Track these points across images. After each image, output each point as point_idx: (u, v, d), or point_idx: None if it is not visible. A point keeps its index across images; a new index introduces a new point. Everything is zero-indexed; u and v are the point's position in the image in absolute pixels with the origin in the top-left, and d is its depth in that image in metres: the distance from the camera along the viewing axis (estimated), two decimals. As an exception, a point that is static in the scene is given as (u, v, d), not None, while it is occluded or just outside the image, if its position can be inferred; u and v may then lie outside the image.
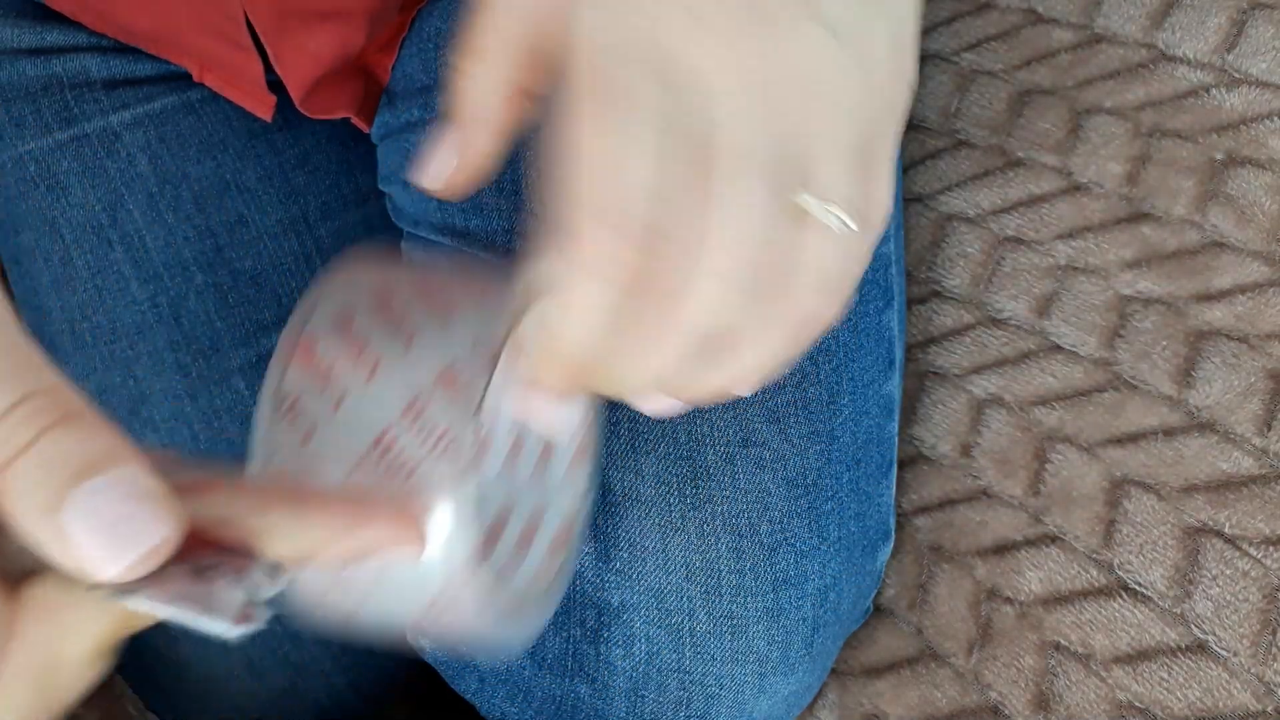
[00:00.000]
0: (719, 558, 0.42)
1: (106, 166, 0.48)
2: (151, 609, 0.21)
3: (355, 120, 0.51)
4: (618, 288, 0.24)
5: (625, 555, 0.42)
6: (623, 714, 0.43)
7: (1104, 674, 0.41)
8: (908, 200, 0.53)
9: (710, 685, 0.42)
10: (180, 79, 0.50)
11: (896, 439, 0.47)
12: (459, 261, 0.40)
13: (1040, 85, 0.51)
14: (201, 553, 0.22)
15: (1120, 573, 0.42)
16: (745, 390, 0.28)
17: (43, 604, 0.21)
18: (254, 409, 0.50)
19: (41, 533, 0.20)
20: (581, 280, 0.24)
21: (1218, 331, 0.43)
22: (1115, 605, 0.41)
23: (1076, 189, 0.48)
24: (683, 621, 0.42)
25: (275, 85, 0.49)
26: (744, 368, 0.26)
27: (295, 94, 0.48)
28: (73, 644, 0.21)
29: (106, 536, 0.20)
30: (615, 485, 0.42)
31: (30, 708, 0.21)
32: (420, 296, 0.28)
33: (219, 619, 0.21)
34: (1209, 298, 0.44)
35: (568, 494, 0.36)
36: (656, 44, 0.24)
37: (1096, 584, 0.42)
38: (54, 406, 0.20)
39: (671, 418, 0.42)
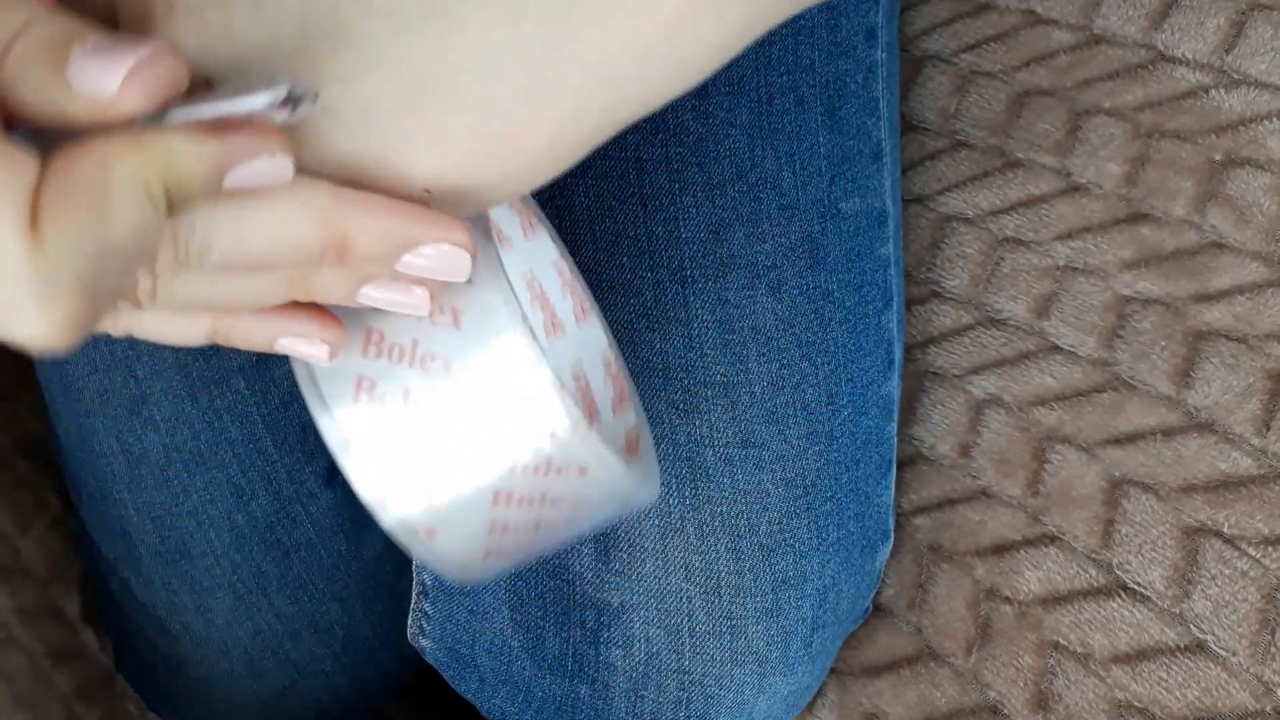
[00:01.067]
0: (718, 558, 0.42)
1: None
2: (186, 115, 0.21)
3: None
4: None
5: (625, 556, 0.42)
6: (623, 714, 0.43)
7: (1103, 674, 0.41)
8: (907, 201, 0.53)
9: (710, 685, 0.42)
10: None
11: (895, 439, 0.47)
12: None
13: (1039, 86, 0.51)
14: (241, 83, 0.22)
15: (1119, 572, 0.42)
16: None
17: (82, 140, 0.21)
18: (254, 409, 0.50)
19: (52, 93, 0.20)
20: None
21: (1217, 332, 0.43)
22: (1114, 605, 0.41)
23: (1075, 190, 0.48)
24: (682, 622, 0.42)
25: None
26: None
27: None
28: (119, 169, 0.20)
29: (105, 60, 0.20)
30: (615, 485, 0.42)
31: (84, 234, 0.20)
32: None
33: (260, 94, 0.21)
34: (1208, 298, 0.44)
35: (594, 344, 0.35)
36: None
37: (1095, 584, 0.42)
38: None
39: (673, 421, 0.42)
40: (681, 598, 0.42)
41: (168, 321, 0.26)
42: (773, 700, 0.44)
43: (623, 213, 0.43)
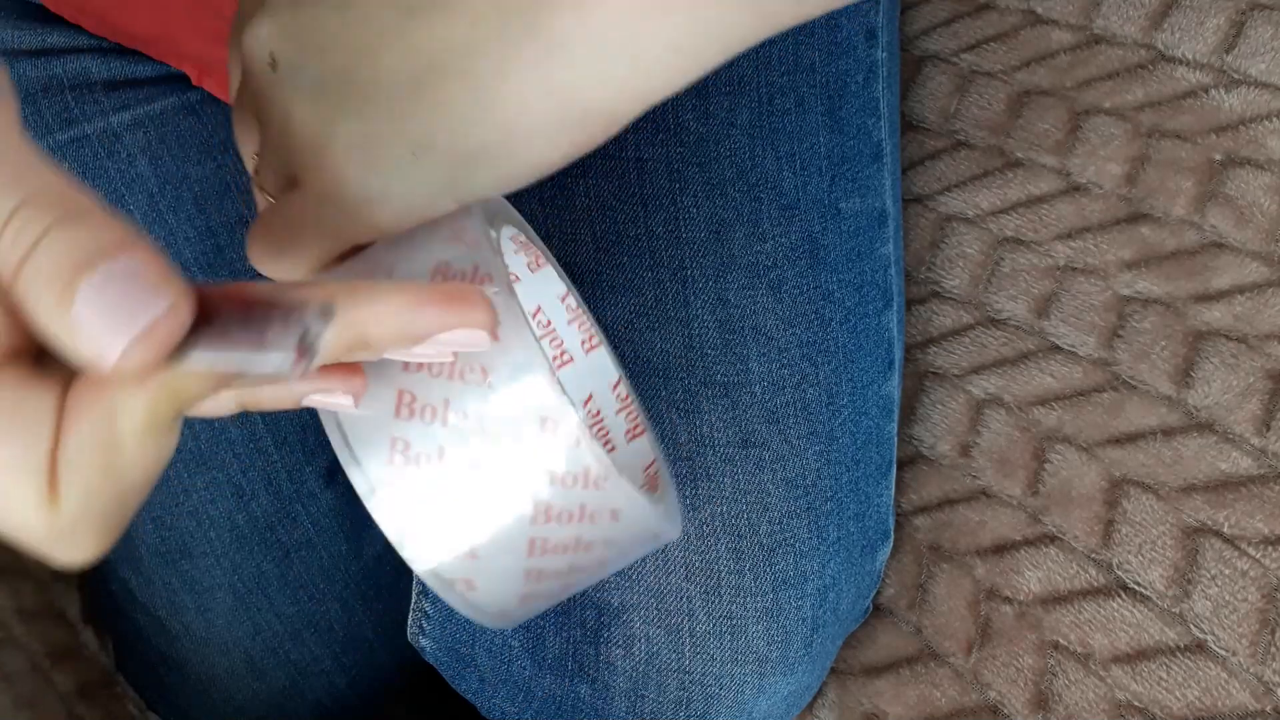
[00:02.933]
0: (718, 558, 0.42)
1: (107, 167, 0.49)
2: (199, 363, 0.21)
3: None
4: None
5: (625, 555, 0.42)
6: (623, 714, 0.43)
7: (1103, 673, 0.41)
8: (907, 201, 0.53)
9: (710, 685, 0.42)
10: (180, 80, 0.50)
11: (896, 439, 0.47)
12: None
13: (1039, 86, 0.51)
14: (250, 311, 0.22)
15: (1119, 572, 0.42)
16: None
17: (94, 385, 0.21)
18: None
19: (57, 330, 0.20)
20: None
21: (1216, 332, 0.43)
22: (1114, 605, 0.41)
23: (1076, 190, 0.48)
24: (682, 621, 0.42)
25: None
26: None
27: None
28: (127, 419, 0.20)
29: (110, 317, 0.19)
30: (615, 485, 0.42)
31: (100, 490, 0.21)
32: None
33: (273, 354, 0.21)
34: (1208, 298, 0.44)
35: (602, 374, 0.36)
36: None
37: (1095, 584, 0.42)
38: (58, 204, 0.20)
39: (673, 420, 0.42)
40: (682, 597, 0.42)
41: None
42: (773, 700, 0.44)
43: (623, 212, 0.43)
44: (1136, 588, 0.41)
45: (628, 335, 0.42)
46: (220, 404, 0.26)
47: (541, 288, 0.34)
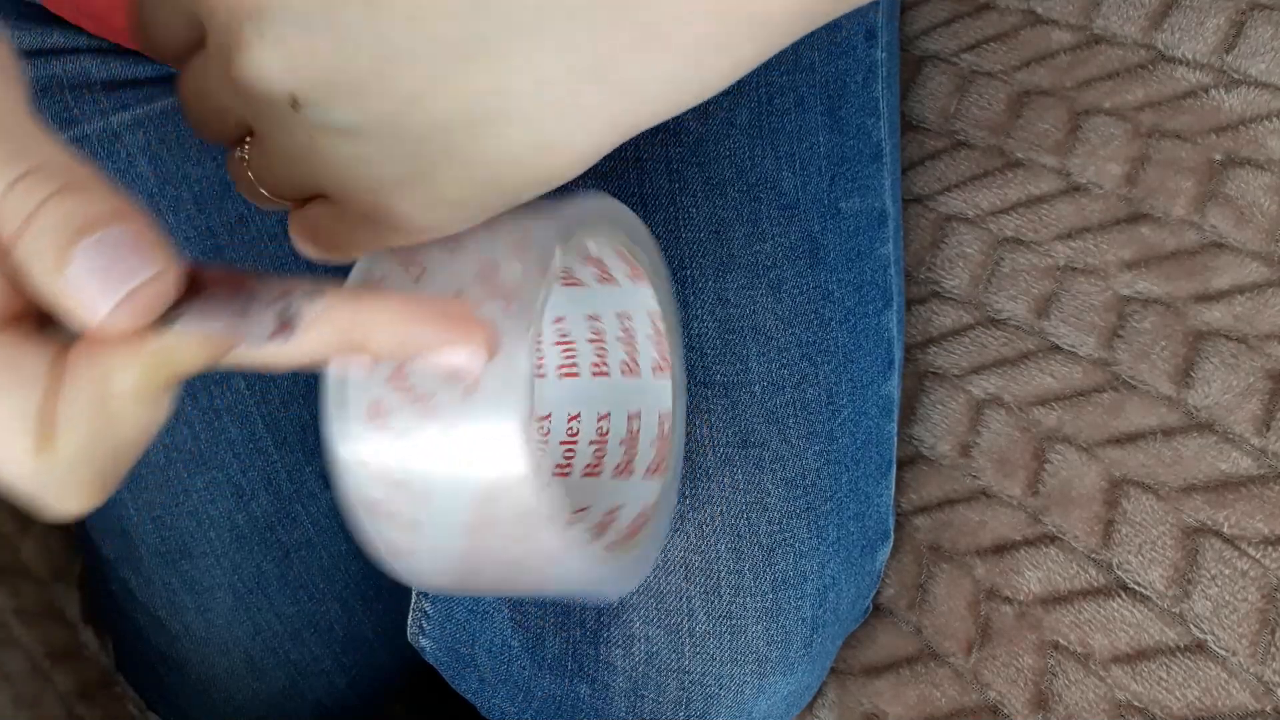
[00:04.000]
0: (718, 558, 0.42)
1: (106, 167, 0.49)
2: (185, 329, 0.22)
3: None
4: None
5: (625, 555, 0.42)
6: (622, 714, 0.43)
7: (1103, 673, 0.41)
8: (907, 201, 0.53)
9: (710, 685, 0.42)
10: (180, 80, 0.50)
11: (895, 439, 0.47)
12: None
13: (1039, 86, 0.51)
14: (239, 288, 0.23)
15: (1119, 572, 0.42)
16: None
17: (87, 349, 0.22)
18: (254, 409, 0.50)
19: (53, 291, 0.21)
20: None
21: (1217, 332, 0.43)
22: (1114, 605, 0.41)
23: (1076, 190, 0.48)
24: (682, 621, 0.42)
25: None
26: None
27: None
28: (119, 381, 0.22)
29: (101, 279, 0.21)
30: (615, 485, 0.42)
31: (94, 452, 0.22)
32: None
33: (254, 325, 0.22)
34: (1208, 298, 0.44)
35: (656, 398, 0.36)
36: None
37: (1095, 584, 0.42)
38: (60, 175, 0.21)
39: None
40: (681, 597, 0.42)
41: None
42: (772, 700, 0.44)
43: (623, 213, 0.43)
44: (1136, 588, 0.41)
45: (627, 335, 0.42)
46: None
47: (635, 297, 0.34)
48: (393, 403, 0.26)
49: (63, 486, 0.22)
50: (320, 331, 0.24)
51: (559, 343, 0.36)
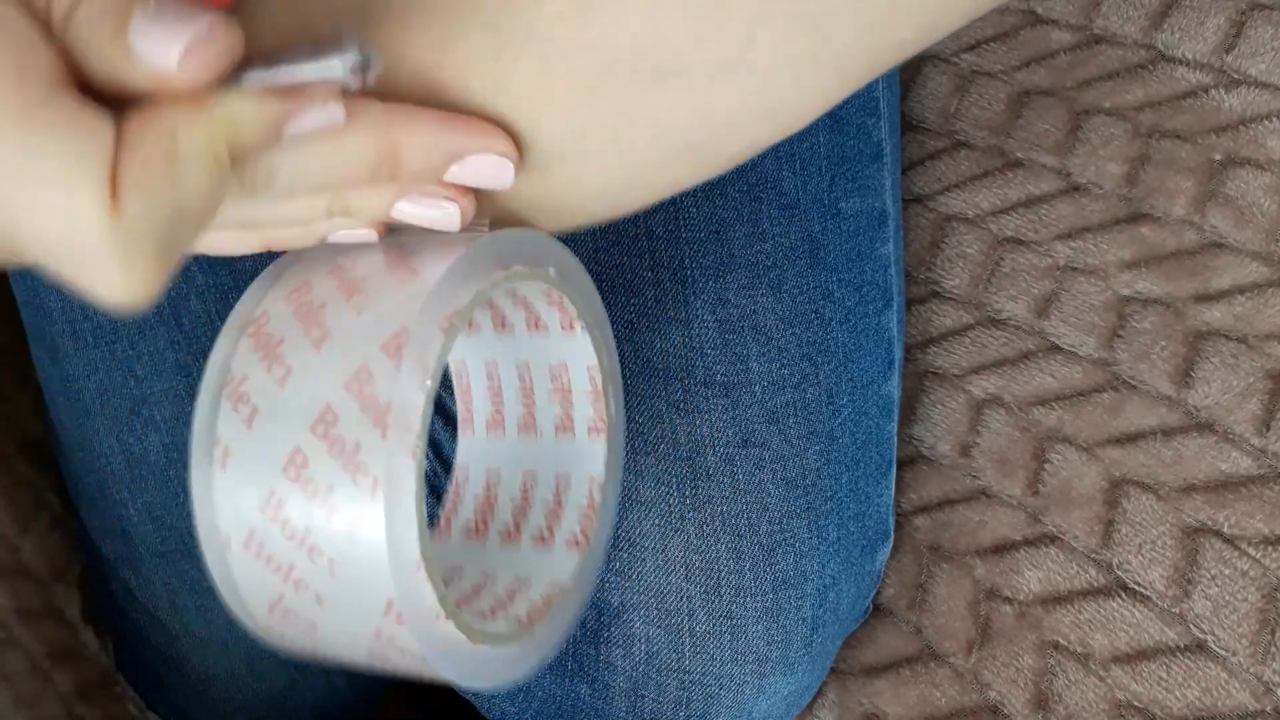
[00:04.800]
0: (718, 558, 0.42)
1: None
2: (260, 81, 0.22)
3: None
4: None
5: (625, 555, 0.42)
6: (623, 713, 0.43)
7: (1103, 673, 0.41)
8: (907, 201, 0.53)
9: (710, 685, 0.42)
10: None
11: (895, 439, 0.47)
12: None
13: (1039, 86, 0.51)
14: (304, 44, 0.23)
15: (1119, 572, 0.42)
16: None
17: (151, 112, 0.22)
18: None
19: (114, 61, 0.21)
20: None
21: (1216, 332, 0.43)
22: (1114, 605, 0.41)
23: (1076, 189, 0.48)
24: (682, 621, 0.42)
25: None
26: None
27: None
28: (185, 141, 0.21)
29: (164, 34, 0.21)
30: (615, 485, 0.42)
31: (159, 215, 0.21)
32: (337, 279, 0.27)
33: (332, 60, 0.22)
34: (1208, 298, 0.44)
35: (589, 462, 0.33)
36: None
37: (1095, 584, 0.42)
38: None
39: (673, 420, 0.42)
40: (681, 597, 0.42)
41: (220, 238, 0.28)
42: (773, 700, 0.43)
43: (623, 212, 0.43)
44: (1136, 588, 0.41)
45: (628, 335, 0.42)
46: (247, 244, 0.27)
47: (563, 349, 0.32)
48: (285, 492, 0.25)
49: (129, 252, 0.21)
50: (363, 122, 0.24)
51: (490, 390, 0.34)
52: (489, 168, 0.26)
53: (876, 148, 0.46)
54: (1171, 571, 0.41)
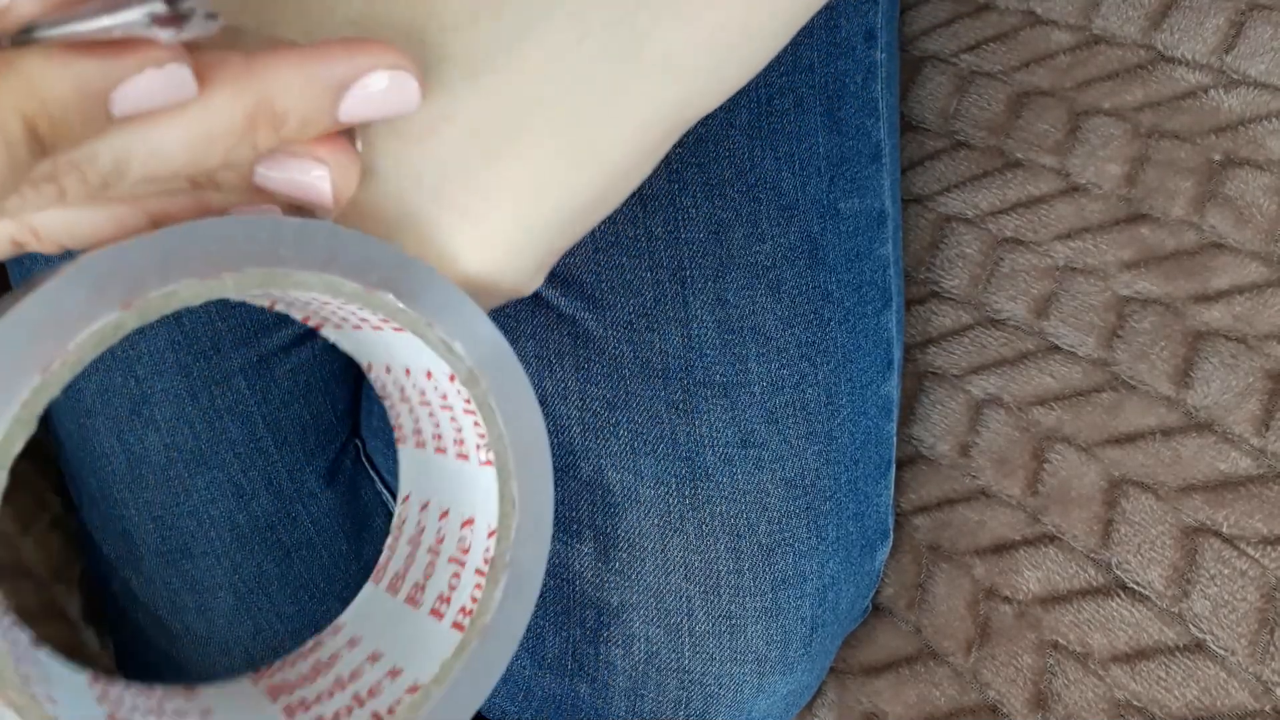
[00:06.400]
0: (718, 558, 0.42)
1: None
2: (51, 33, 0.18)
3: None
4: None
5: (624, 555, 0.42)
6: (622, 713, 0.43)
7: (1102, 673, 0.41)
8: (906, 201, 0.53)
9: (709, 684, 0.42)
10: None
11: (895, 439, 0.47)
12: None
13: (1039, 86, 0.51)
14: None
15: (1118, 572, 0.42)
16: None
17: None
18: (255, 409, 0.50)
19: None
20: None
21: (1216, 332, 0.43)
22: (1113, 605, 0.41)
23: (1075, 190, 0.48)
24: (682, 621, 0.42)
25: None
26: None
27: None
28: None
29: None
30: (615, 486, 0.42)
31: None
32: None
33: (133, 10, 0.18)
34: (1207, 298, 0.44)
35: (485, 500, 0.25)
36: None
37: (1094, 583, 0.42)
38: None
39: (673, 419, 0.42)
40: (681, 597, 0.42)
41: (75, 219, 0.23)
42: (772, 699, 0.44)
43: (622, 212, 0.43)
44: (1136, 587, 0.41)
45: (628, 335, 0.42)
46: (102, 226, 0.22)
47: (425, 352, 0.25)
48: None
49: None
50: (221, 81, 0.20)
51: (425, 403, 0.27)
52: (384, 89, 0.21)
53: (875, 148, 0.46)
54: (1170, 571, 0.41)
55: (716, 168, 0.43)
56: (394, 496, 0.53)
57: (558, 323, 0.43)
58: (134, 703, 0.25)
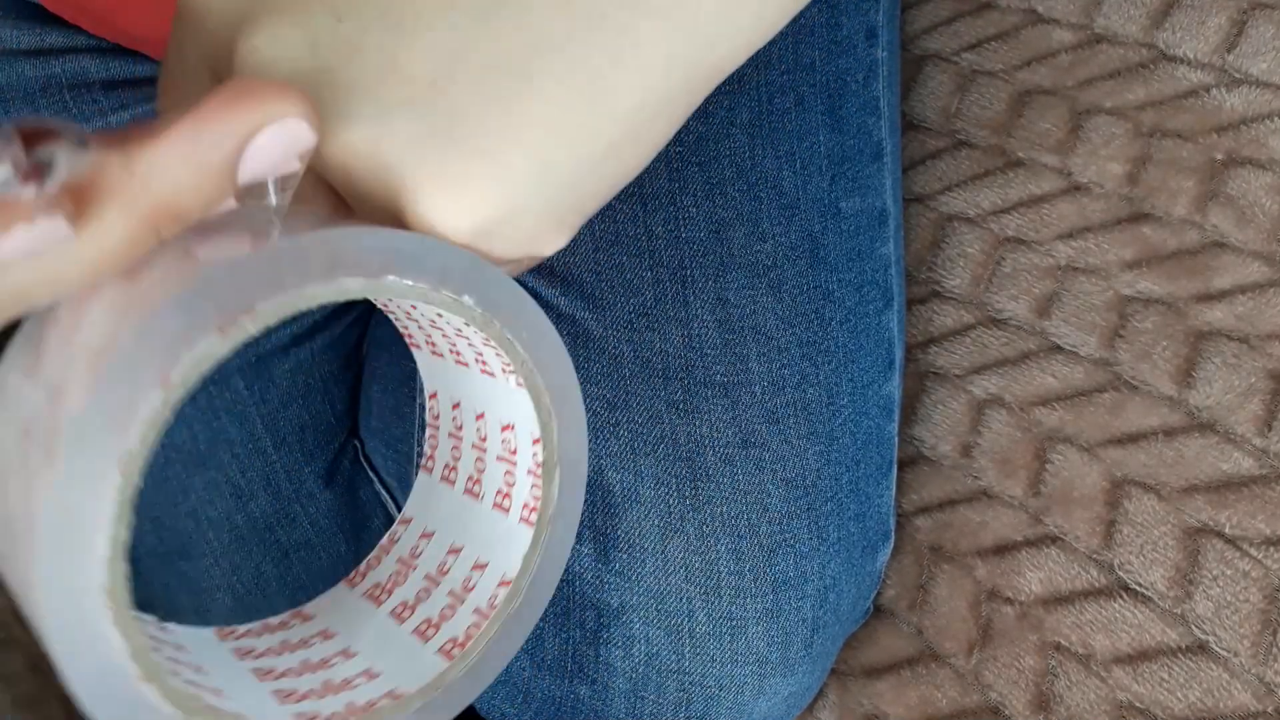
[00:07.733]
0: (718, 559, 0.42)
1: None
2: None
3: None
4: None
5: (624, 556, 0.42)
6: (622, 715, 0.43)
7: (1104, 674, 0.41)
8: (908, 200, 0.53)
9: (710, 686, 0.42)
10: (179, 79, 0.50)
11: (896, 439, 0.47)
12: None
13: (1040, 85, 0.51)
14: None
15: (1120, 573, 0.42)
16: None
17: None
18: (253, 409, 0.50)
19: None
20: None
21: (1218, 332, 0.43)
22: (1115, 606, 0.41)
23: (1077, 189, 0.48)
24: (682, 622, 0.42)
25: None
26: None
27: None
28: None
29: None
30: (615, 486, 0.42)
31: None
32: None
33: None
34: (1209, 298, 0.44)
35: (506, 553, 0.25)
36: None
37: (1097, 584, 0.42)
38: None
39: (673, 421, 0.42)
40: (681, 598, 0.42)
41: None
42: (773, 701, 0.43)
43: (623, 212, 0.43)
44: (1138, 588, 0.41)
45: (628, 335, 0.42)
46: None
47: (510, 402, 0.25)
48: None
49: None
50: (110, 185, 0.19)
51: (452, 432, 0.27)
52: (274, 143, 0.20)
53: (877, 147, 0.46)
54: (1173, 572, 0.41)
55: (717, 166, 0.43)
56: (392, 497, 0.52)
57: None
58: (266, 645, 0.25)
